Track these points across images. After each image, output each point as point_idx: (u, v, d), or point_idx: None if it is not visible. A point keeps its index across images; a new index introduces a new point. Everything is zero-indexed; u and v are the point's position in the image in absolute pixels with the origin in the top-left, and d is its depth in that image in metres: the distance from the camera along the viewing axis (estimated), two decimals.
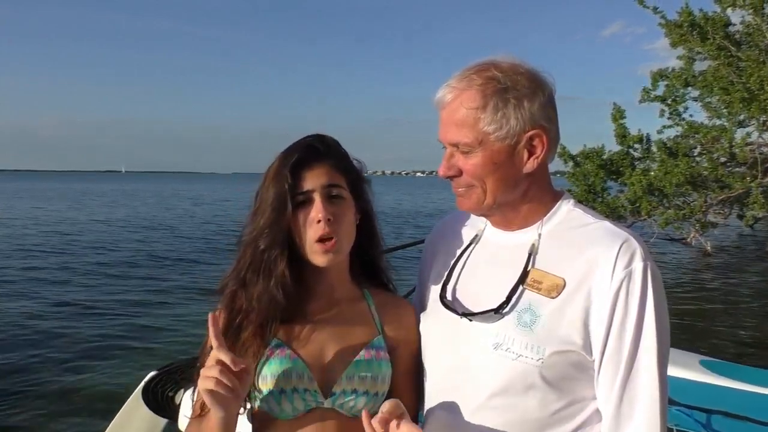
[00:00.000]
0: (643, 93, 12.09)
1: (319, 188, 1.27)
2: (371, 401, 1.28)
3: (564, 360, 1.17)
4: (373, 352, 1.30)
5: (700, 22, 11.18)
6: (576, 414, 1.20)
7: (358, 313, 1.36)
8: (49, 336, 8.01)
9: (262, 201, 1.29)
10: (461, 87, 1.23)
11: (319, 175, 1.27)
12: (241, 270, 1.30)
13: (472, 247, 1.38)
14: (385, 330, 1.35)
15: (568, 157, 12.33)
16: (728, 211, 13.10)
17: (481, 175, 1.24)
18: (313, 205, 1.26)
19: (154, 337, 8.01)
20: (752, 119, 11.06)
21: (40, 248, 16.50)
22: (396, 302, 1.42)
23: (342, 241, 1.29)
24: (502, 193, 1.25)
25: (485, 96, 1.21)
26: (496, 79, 1.22)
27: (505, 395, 1.20)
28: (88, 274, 12.76)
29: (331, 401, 1.26)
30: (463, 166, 1.25)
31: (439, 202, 44.59)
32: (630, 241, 1.18)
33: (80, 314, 9.25)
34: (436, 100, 1.27)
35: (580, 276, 1.18)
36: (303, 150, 1.29)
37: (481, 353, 1.23)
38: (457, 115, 1.23)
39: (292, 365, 1.26)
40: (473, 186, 1.26)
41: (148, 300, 10.31)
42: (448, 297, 1.33)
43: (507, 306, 1.22)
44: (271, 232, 1.27)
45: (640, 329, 1.14)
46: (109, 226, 23.73)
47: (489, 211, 1.30)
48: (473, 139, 1.21)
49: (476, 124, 1.21)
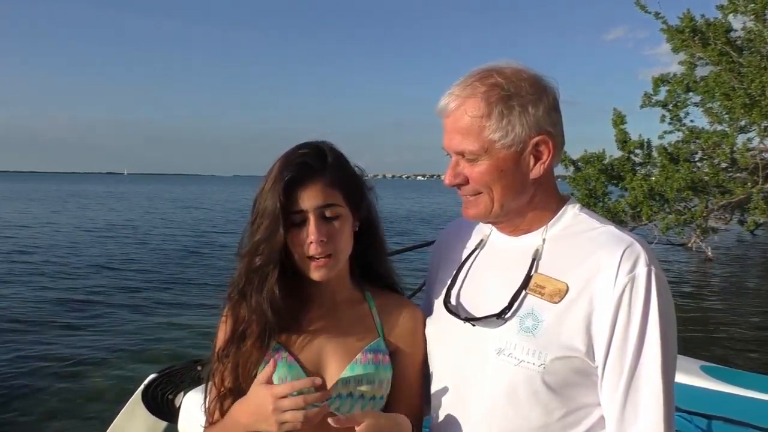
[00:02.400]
0: (644, 98, 12.07)
1: (313, 209, 1.26)
2: (369, 405, 1.28)
3: (566, 366, 1.16)
4: (370, 356, 1.30)
5: (701, 28, 11.18)
6: (581, 421, 1.19)
7: (358, 316, 1.36)
8: (48, 338, 8.00)
9: (258, 215, 1.29)
10: (465, 95, 1.22)
11: (312, 196, 1.26)
12: (239, 282, 1.32)
13: (477, 252, 1.38)
14: (386, 333, 1.35)
15: (569, 162, 12.33)
16: (729, 217, 13.07)
17: (488, 182, 1.23)
18: (307, 226, 1.26)
19: (154, 340, 8.01)
20: (753, 125, 11.03)
21: (22, 249, 16.48)
22: (398, 304, 1.41)
23: (337, 256, 1.29)
24: (509, 200, 1.25)
25: (489, 104, 1.20)
26: (499, 86, 1.21)
27: (508, 401, 1.19)
28: (78, 276, 12.75)
29: (328, 405, 1.26)
30: (469, 174, 1.24)
31: (436, 206, 44.55)
32: (633, 246, 1.17)
33: (78, 317, 9.24)
34: (439, 108, 1.26)
35: (583, 281, 1.17)
36: (297, 168, 1.27)
37: (483, 359, 1.23)
38: (461, 124, 1.22)
39: (290, 369, 1.28)
40: (480, 193, 1.25)
41: (147, 303, 10.30)
42: (452, 302, 1.33)
43: (509, 311, 1.21)
44: (264, 249, 1.27)
45: (644, 335, 1.12)
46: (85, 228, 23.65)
47: (496, 218, 1.29)
48: (479, 147, 1.21)
49: (481, 132, 1.20)
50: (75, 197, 54.04)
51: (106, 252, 16.69)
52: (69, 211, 34.48)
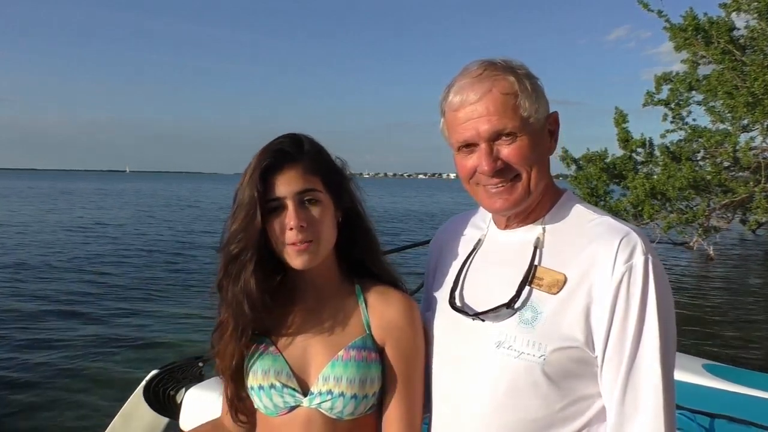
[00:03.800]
0: (647, 96, 12.05)
1: (291, 195, 1.25)
2: (351, 403, 1.25)
3: (566, 357, 1.16)
4: (353, 353, 1.28)
5: (704, 26, 11.16)
6: (582, 412, 1.19)
7: (346, 311, 1.34)
8: (49, 335, 8.02)
9: (237, 205, 1.28)
10: (489, 78, 1.23)
11: (290, 181, 1.25)
12: (218, 274, 1.32)
13: (477, 248, 1.38)
14: (374, 329, 1.32)
15: (571, 161, 12.32)
16: (731, 216, 13.06)
17: (530, 160, 1.24)
18: (286, 212, 1.25)
19: (156, 336, 8.02)
20: (756, 124, 11.02)
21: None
22: (390, 299, 1.36)
23: (318, 242, 1.27)
24: (541, 181, 1.27)
25: (521, 80, 1.23)
26: (515, 66, 1.25)
27: (509, 394, 1.19)
28: (78, 273, 12.77)
29: (309, 401, 1.26)
30: (508, 156, 1.23)
31: (434, 205, 44.53)
32: (630, 236, 1.17)
33: (80, 313, 9.25)
34: (456, 103, 1.25)
35: (581, 272, 1.17)
36: (273, 155, 1.26)
37: (483, 353, 1.23)
38: (494, 105, 1.21)
39: (274, 362, 1.28)
40: (519, 176, 1.24)
41: (148, 298, 10.32)
42: (457, 303, 1.32)
43: (518, 300, 1.21)
44: (242, 238, 1.26)
45: (642, 324, 1.13)
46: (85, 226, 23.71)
47: (523, 204, 1.27)
48: (520, 122, 1.22)
49: (517, 109, 1.22)
50: (66, 194, 54.00)
51: (106, 247, 16.72)
52: (65, 210, 34.52)
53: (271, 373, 1.27)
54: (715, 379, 2.79)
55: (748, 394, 2.63)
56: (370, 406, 1.29)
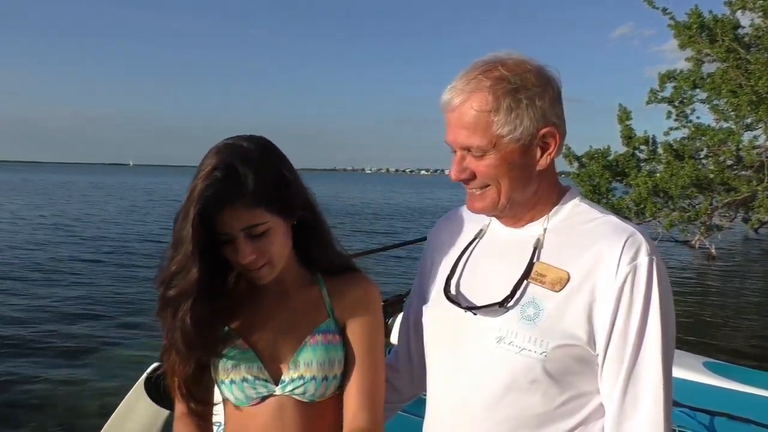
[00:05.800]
0: (651, 94, 12.02)
1: (237, 230, 1.21)
2: (321, 385, 1.28)
3: (567, 354, 1.16)
4: (319, 337, 1.30)
5: (709, 24, 11.12)
6: (580, 408, 1.19)
7: (309, 300, 1.36)
8: (51, 328, 8.04)
9: (177, 240, 1.22)
10: (469, 89, 1.19)
11: (233, 220, 1.20)
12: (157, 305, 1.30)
13: (477, 241, 1.37)
14: (336, 312, 1.35)
15: (573, 158, 12.30)
16: (734, 215, 13.04)
17: (496, 176, 1.22)
18: (236, 245, 1.22)
19: (156, 329, 8.02)
20: (760, 122, 10.99)
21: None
22: (348, 282, 1.38)
23: (273, 263, 1.27)
24: (516, 193, 1.24)
25: (497, 98, 1.18)
26: (505, 78, 1.18)
27: (508, 389, 1.20)
28: (77, 269, 12.79)
29: (281, 389, 1.28)
30: (476, 169, 1.23)
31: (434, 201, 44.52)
32: (635, 236, 1.17)
33: (81, 306, 9.27)
34: (443, 103, 1.24)
35: (585, 270, 1.17)
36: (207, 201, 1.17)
37: (484, 347, 1.23)
38: (467, 119, 1.19)
39: (243, 356, 1.29)
40: (487, 186, 1.24)
41: (149, 293, 10.32)
42: (452, 291, 1.33)
43: (512, 299, 1.21)
44: (178, 284, 1.23)
45: (645, 324, 1.13)
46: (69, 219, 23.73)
47: (502, 211, 1.28)
48: (487, 142, 1.19)
49: (489, 127, 1.18)
50: (62, 189, 53.94)
51: (106, 241, 16.77)
52: (54, 203, 34.53)
53: (241, 367, 1.29)
54: (715, 377, 2.79)
55: (748, 392, 2.64)
56: (339, 386, 1.32)
